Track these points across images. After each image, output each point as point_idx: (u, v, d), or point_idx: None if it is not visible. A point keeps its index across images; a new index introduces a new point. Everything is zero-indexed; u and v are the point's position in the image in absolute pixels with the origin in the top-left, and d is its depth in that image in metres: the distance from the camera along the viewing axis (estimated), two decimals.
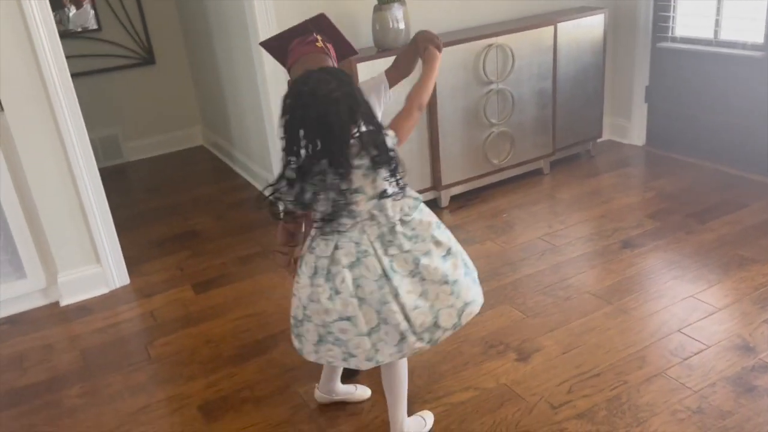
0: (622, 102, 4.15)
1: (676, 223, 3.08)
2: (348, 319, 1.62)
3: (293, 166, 1.53)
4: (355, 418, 2.04)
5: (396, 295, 1.61)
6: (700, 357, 2.16)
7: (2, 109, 2.57)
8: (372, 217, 1.61)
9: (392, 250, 1.62)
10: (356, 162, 1.55)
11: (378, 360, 1.66)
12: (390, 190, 1.61)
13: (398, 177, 1.62)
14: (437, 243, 1.69)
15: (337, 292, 1.61)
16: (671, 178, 3.61)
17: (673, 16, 3.75)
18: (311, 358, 1.75)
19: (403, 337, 1.63)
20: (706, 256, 2.77)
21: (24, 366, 2.48)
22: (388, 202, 1.62)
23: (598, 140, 4.08)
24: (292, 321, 1.78)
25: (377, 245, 1.61)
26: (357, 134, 1.54)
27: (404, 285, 1.62)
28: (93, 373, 2.40)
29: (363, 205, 1.59)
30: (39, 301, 2.89)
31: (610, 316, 2.43)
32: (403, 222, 1.65)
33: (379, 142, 1.56)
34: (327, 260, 1.62)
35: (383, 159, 1.57)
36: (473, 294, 1.75)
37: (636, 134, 4.13)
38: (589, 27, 3.68)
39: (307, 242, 1.70)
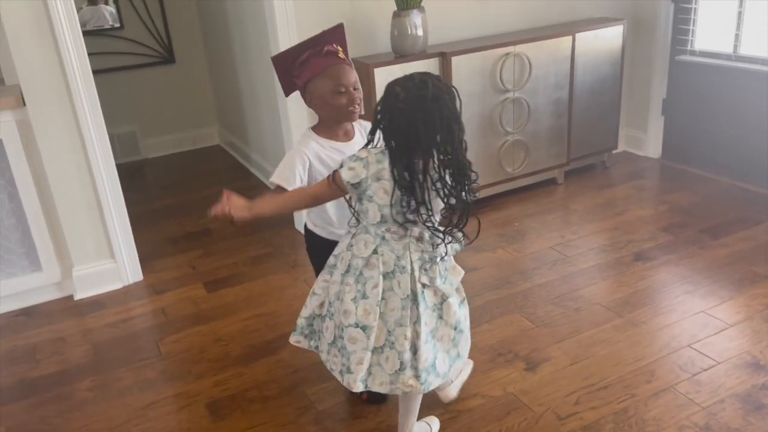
0: (639, 114, 4.14)
1: (690, 238, 3.06)
2: (363, 328, 1.62)
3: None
4: (360, 421, 2.05)
5: (415, 322, 1.61)
6: (710, 373, 2.15)
7: (24, 104, 2.61)
8: (420, 239, 1.61)
9: (424, 279, 1.62)
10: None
11: (368, 384, 1.66)
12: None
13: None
14: (458, 290, 1.72)
15: (364, 296, 1.62)
16: (686, 191, 3.59)
17: (693, 30, 3.74)
18: (322, 357, 1.77)
19: (401, 368, 1.63)
20: (719, 271, 2.76)
21: (37, 358, 2.51)
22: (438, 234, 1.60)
23: (614, 151, 4.07)
24: (301, 321, 1.80)
25: (416, 266, 1.61)
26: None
27: (425, 316, 1.62)
28: (104, 367, 2.43)
29: (420, 224, 1.58)
30: (53, 294, 2.93)
31: (620, 329, 2.42)
32: (442, 258, 1.64)
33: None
34: (362, 261, 1.62)
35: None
36: (467, 350, 1.78)
37: (652, 147, 4.11)
38: (608, 38, 3.67)
39: (346, 240, 1.70)
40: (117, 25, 4.56)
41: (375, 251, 1.61)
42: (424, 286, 1.62)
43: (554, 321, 2.50)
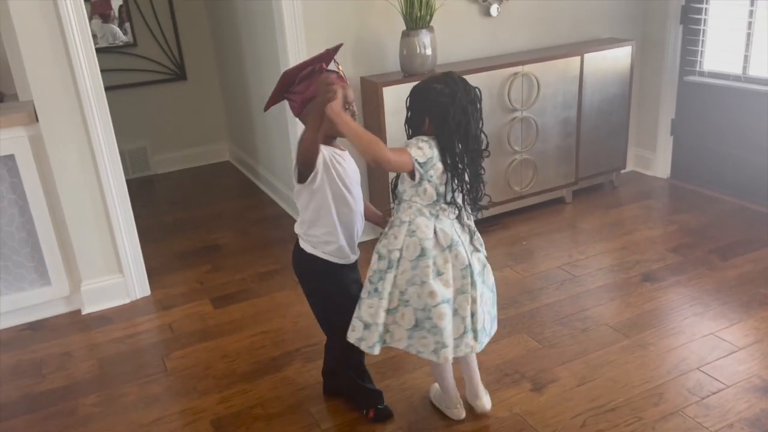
0: (648, 134, 4.13)
1: (698, 259, 3.04)
2: (447, 302, 1.80)
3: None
4: None
5: (473, 286, 1.82)
6: (719, 396, 2.12)
7: (37, 120, 2.65)
8: (459, 216, 1.85)
9: (477, 248, 1.88)
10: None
11: (456, 353, 1.84)
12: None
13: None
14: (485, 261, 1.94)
15: (439, 274, 1.79)
16: (695, 212, 3.57)
17: (702, 51, 3.74)
18: (402, 345, 1.87)
19: (465, 331, 1.83)
20: (728, 293, 2.73)
21: (43, 372, 2.52)
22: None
23: (622, 171, 4.06)
24: (361, 320, 1.89)
25: (464, 238, 1.85)
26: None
27: (477, 282, 1.84)
28: (109, 382, 2.43)
29: (460, 201, 1.84)
30: (61, 309, 2.94)
31: (628, 350, 2.40)
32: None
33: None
34: (430, 242, 1.79)
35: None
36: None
37: (660, 166, 4.10)
38: (616, 58, 3.69)
39: (405, 228, 1.82)
40: (120, 43, 4.61)
41: (435, 231, 1.80)
42: (473, 253, 1.85)
43: (561, 341, 2.48)
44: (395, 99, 3.09)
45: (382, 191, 3.19)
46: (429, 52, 3.13)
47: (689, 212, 3.58)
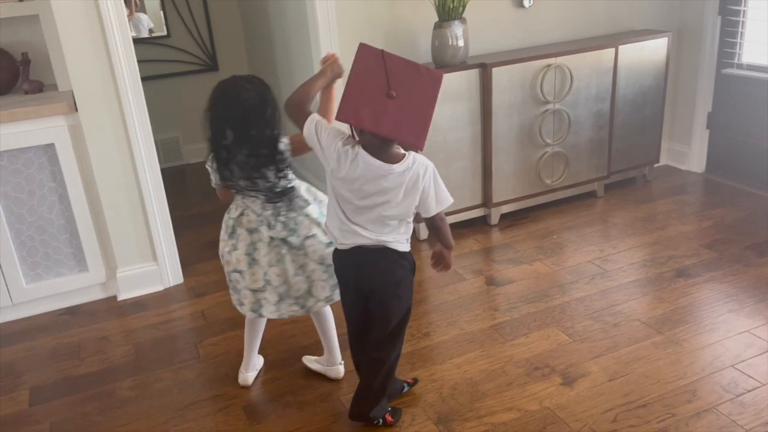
0: (683, 127, 4.06)
1: (734, 255, 2.99)
2: (239, 272, 2.07)
3: (222, 149, 1.97)
4: (394, 429, 2.05)
5: (279, 262, 2.02)
6: (754, 395, 2.09)
7: (76, 110, 2.71)
8: (269, 199, 2.00)
9: (279, 227, 2.01)
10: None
11: (261, 313, 2.12)
12: (281, 184, 1.99)
13: (281, 174, 1.98)
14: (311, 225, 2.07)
15: (234, 248, 2.05)
16: (730, 207, 3.50)
17: (741, 42, 3.66)
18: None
19: (281, 299, 2.07)
20: (764, 290, 2.68)
21: (81, 356, 2.59)
22: (275, 191, 2.00)
23: (655, 165, 4.00)
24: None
25: (271, 220, 2.01)
26: (258, 134, 1.92)
27: (291, 255, 2.01)
28: (144, 367, 2.48)
29: (262, 186, 1.97)
30: (98, 295, 3.01)
31: (660, 346, 2.37)
32: (288, 210, 2.02)
33: (271, 144, 1.94)
34: (234, 221, 2.05)
35: (269, 158, 1.94)
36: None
37: (695, 161, 4.03)
38: (652, 50, 3.62)
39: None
40: (146, 34, 4.67)
41: (242, 213, 2.03)
42: (277, 232, 2.01)
43: (592, 336, 2.47)
44: None
45: None
46: (461, 43, 3.12)
47: (725, 207, 3.51)
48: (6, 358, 2.62)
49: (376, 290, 1.89)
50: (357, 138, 1.78)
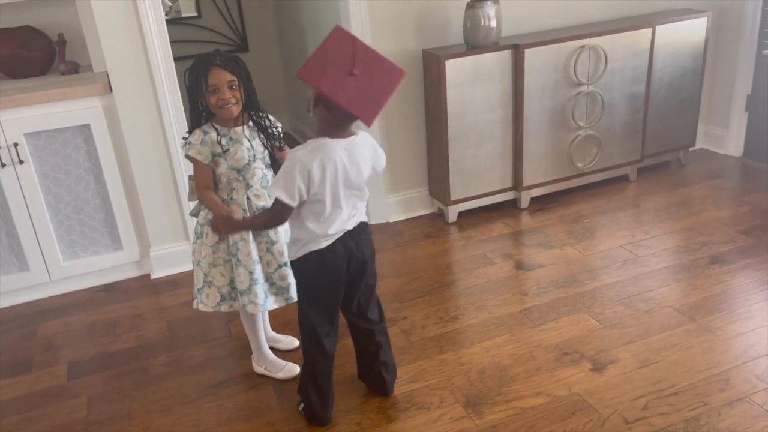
0: (720, 110, 3.96)
1: None
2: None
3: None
4: (423, 411, 2.07)
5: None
6: None
7: (111, 90, 2.74)
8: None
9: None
10: None
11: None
12: None
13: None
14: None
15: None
16: None
17: None
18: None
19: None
20: None
21: (117, 332, 2.65)
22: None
23: (691, 149, 3.92)
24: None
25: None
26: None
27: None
28: (178, 344, 2.54)
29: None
30: (132, 273, 3.08)
31: (693, 334, 2.34)
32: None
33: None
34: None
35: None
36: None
37: (733, 144, 3.93)
38: (690, 30, 3.53)
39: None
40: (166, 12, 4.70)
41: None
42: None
43: (623, 322, 2.44)
44: (457, 72, 3.06)
45: None
46: (494, 24, 3.07)
47: (762, 193, 3.43)
48: (45, 333, 2.70)
49: (368, 263, 1.95)
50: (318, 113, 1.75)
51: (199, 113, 2.04)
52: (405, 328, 2.51)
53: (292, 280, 2.13)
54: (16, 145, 2.66)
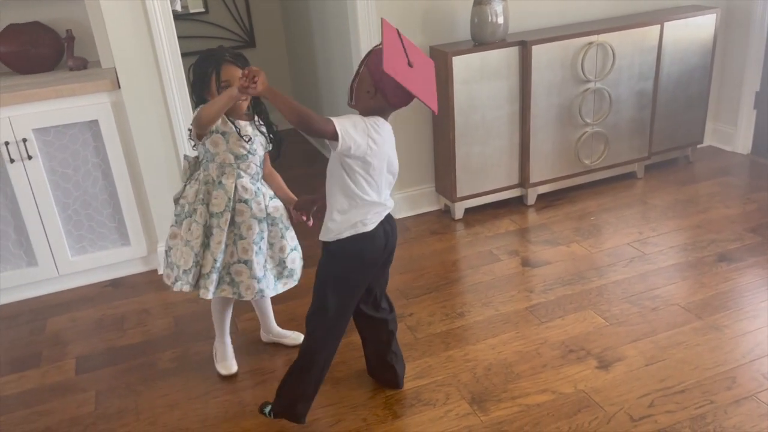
0: (729, 107, 3.94)
1: None
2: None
3: None
4: (429, 408, 2.08)
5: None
6: None
7: (119, 87, 2.75)
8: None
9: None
10: None
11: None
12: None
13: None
14: None
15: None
16: None
17: None
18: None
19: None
20: None
21: (124, 327, 2.67)
22: None
23: (698, 146, 3.90)
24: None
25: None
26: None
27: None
28: (184, 339, 2.55)
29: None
30: (139, 268, 3.09)
31: (700, 332, 2.34)
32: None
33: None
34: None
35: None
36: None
37: (741, 142, 3.91)
38: (699, 27, 3.51)
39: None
40: (178, 8, 4.68)
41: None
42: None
43: (629, 320, 2.44)
44: (464, 68, 3.05)
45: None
46: (501, 20, 3.06)
47: None
48: (53, 327, 2.72)
49: (394, 251, 1.97)
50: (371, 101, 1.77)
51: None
52: (411, 325, 2.51)
53: (299, 263, 2.23)
54: (24, 140, 2.67)
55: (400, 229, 3.31)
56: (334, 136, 1.69)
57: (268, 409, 2.03)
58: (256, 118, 2.13)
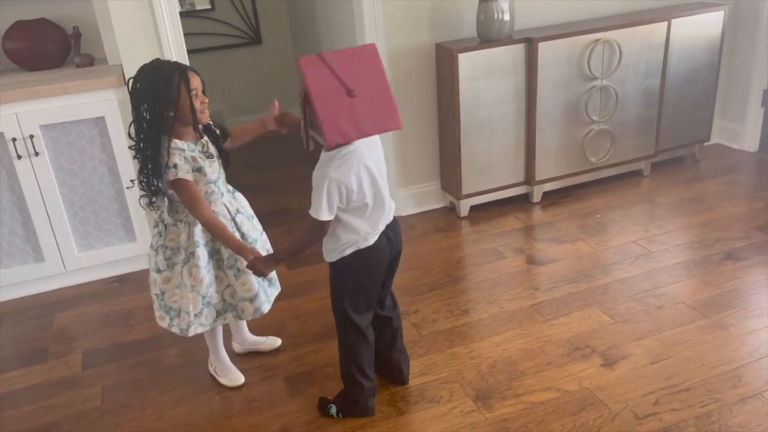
0: (736, 105, 3.92)
1: None
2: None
3: None
4: (433, 405, 2.08)
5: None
6: None
7: (125, 83, 2.75)
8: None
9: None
10: None
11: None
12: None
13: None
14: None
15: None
16: None
17: None
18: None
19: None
20: None
21: (131, 323, 2.68)
22: None
23: (706, 144, 3.88)
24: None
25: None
26: None
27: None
28: (190, 336, 2.55)
29: None
30: (146, 264, 3.06)
31: (706, 330, 2.33)
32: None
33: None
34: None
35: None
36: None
37: (748, 140, 3.89)
38: (707, 24, 3.49)
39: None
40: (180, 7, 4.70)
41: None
42: None
43: (634, 318, 2.43)
44: (470, 66, 3.05)
45: None
46: (507, 17, 3.05)
47: None
48: (60, 323, 2.73)
49: (400, 253, 1.98)
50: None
51: (162, 124, 1.87)
52: (416, 322, 2.51)
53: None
54: (31, 137, 2.69)
55: (405, 226, 3.32)
56: (323, 224, 1.77)
57: (334, 410, 2.06)
58: (200, 126, 2.03)
